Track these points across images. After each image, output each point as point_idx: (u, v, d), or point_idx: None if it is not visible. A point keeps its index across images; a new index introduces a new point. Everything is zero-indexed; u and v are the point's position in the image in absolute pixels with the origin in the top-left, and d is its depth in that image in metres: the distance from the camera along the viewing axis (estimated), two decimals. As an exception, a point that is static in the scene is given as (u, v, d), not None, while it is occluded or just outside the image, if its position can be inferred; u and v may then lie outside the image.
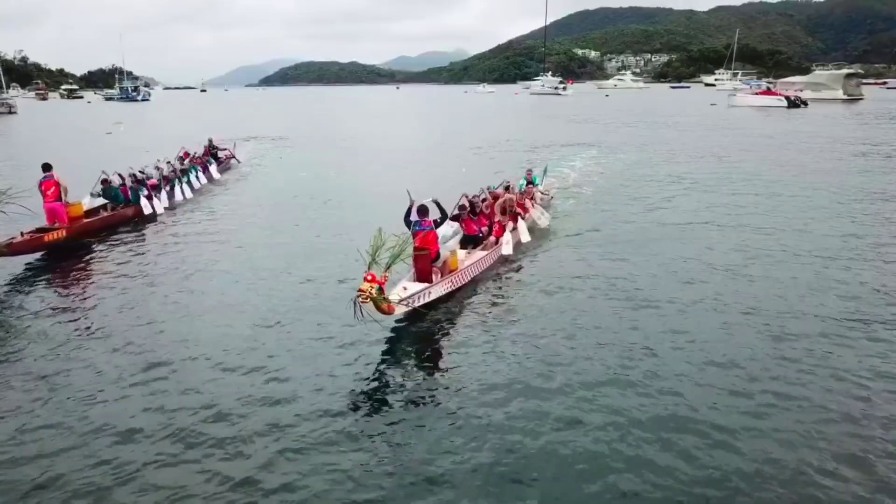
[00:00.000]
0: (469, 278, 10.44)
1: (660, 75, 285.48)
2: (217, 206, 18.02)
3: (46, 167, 13.42)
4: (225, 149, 25.48)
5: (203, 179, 20.69)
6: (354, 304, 7.57)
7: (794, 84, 78.85)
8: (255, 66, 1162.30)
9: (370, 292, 7.45)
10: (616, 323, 8.79)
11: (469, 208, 12.09)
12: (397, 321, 8.80)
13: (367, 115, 72.63)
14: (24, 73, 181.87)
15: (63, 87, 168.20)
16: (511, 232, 12.42)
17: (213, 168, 22.32)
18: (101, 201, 15.93)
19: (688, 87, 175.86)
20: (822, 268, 11.20)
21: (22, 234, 12.32)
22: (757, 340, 8.12)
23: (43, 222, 13.35)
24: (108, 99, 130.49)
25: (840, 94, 77.15)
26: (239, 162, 26.06)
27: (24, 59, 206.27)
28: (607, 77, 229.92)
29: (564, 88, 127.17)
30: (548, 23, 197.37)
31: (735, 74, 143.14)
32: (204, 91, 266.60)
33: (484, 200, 12.53)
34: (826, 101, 72.61)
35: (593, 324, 8.77)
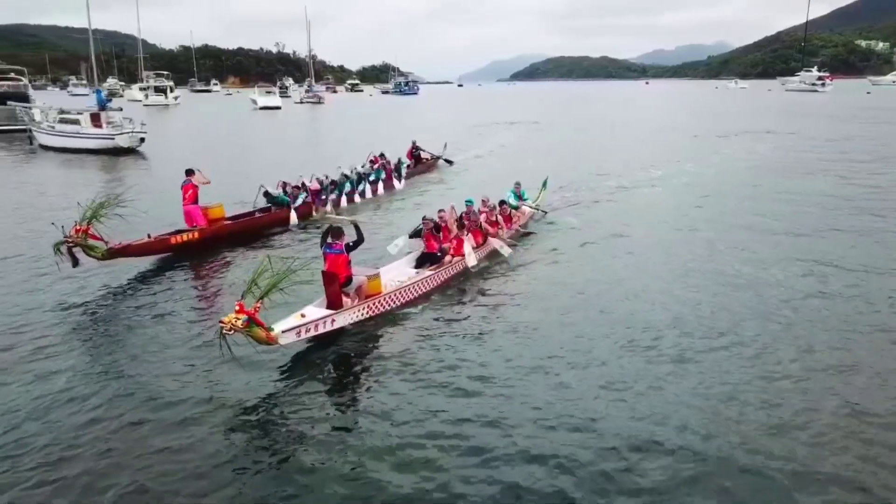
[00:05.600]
0: (397, 303, 9.84)
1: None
2: (379, 213, 17.53)
3: (188, 172, 14.23)
4: (428, 151, 25.73)
5: (380, 186, 20.21)
6: (219, 335, 7.20)
7: None
8: (505, 61, 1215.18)
9: (233, 324, 7.09)
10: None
11: (433, 225, 11.68)
12: (298, 352, 8.27)
13: (595, 113, 76.22)
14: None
15: (348, 81, 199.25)
16: (474, 249, 11.82)
17: (403, 172, 22.14)
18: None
19: None
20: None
21: (149, 236, 12.74)
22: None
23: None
24: (385, 92, 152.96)
25: None
26: (450, 163, 26.11)
27: (312, 57, 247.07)
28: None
29: (823, 84, 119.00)
30: (829, 10, 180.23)
31: None
32: (461, 86, 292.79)
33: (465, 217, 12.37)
34: None
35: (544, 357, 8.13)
